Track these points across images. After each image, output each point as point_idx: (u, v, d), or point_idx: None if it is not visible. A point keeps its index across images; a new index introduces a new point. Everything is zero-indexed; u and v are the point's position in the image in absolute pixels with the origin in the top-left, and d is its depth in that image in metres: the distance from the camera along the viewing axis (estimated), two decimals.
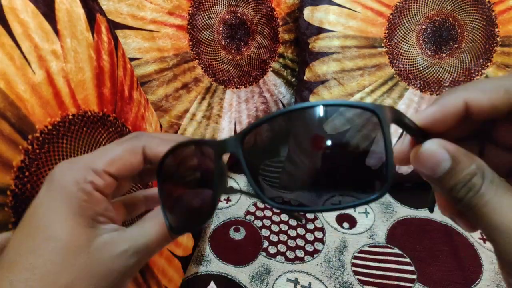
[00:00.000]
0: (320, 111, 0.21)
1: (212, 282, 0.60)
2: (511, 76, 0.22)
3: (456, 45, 0.72)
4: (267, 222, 0.71)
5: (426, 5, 0.72)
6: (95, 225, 0.26)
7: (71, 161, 0.27)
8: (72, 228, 0.24)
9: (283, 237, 0.68)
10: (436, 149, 0.22)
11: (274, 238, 0.68)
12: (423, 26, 0.73)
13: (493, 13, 0.71)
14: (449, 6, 0.72)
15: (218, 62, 0.72)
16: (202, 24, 0.69)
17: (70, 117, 0.37)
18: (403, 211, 0.74)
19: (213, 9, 0.70)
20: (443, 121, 0.23)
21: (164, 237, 0.27)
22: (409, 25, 0.73)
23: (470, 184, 0.21)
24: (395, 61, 0.73)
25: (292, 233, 0.69)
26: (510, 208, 0.20)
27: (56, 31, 0.37)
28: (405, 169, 0.75)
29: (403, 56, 0.73)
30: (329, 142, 0.22)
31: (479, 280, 0.60)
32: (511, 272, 0.21)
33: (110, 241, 0.25)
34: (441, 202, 0.26)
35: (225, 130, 0.75)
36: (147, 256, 0.27)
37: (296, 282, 0.60)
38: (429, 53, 0.73)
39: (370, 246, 0.67)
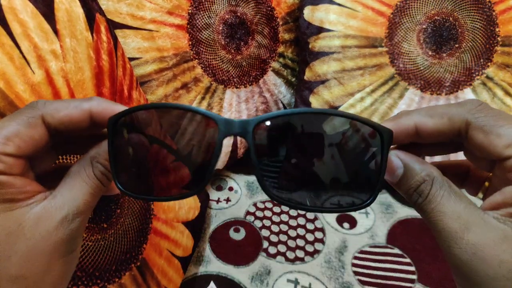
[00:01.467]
0: (333, 119, 0.24)
1: (212, 282, 0.60)
2: (458, 104, 0.25)
3: (456, 45, 0.72)
4: (267, 223, 0.71)
5: (427, 5, 0.72)
6: (17, 206, 0.24)
7: None
8: None
9: (283, 238, 0.68)
10: (391, 157, 0.25)
11: (274, 238, 0.68)
12: (424, 26, 0.72)
13: (494, 13, 0.71)
14: (450, 5, 0.72)
15: (218, 62, 0.72)
16: (202, 23, 0.68)
17: None
18: (404, 211, 0.74)
19: (213, 9, 0.70)
20: (396, 138, 0.25)
21: (99, 191, 0.26)
22: (409, 25, 0.73)
23: (419, 190, 0.24)
24: (395, 61, 0.73)
25: (292, 233, 0.69)
26: (453, 214, 0.23)
27: (56, 31, 0.37)
28: None
29: (403, 55, 0.73)
30: (329, 148, 0.25)
31: None
32: (457, 276, 0.25)
33: (43, 213, 0.24)
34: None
35: None
36: (89, 213, 0.26)
37: (296, 282, 0.60)
38: (430, 53, 0.73)
39: (370, 246, 0.66)
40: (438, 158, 0.66)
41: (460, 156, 0.28)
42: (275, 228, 0.70)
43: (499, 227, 0.22)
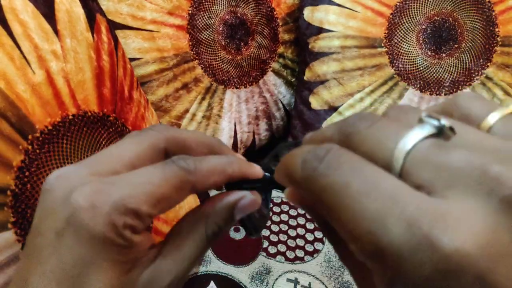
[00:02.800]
0: None
1: (212, 282, 0.60)
2: None
3: (456, 45, 0.72)
4: (267, 222, 0.71)
5: (426, 5, 0.72)
6: (135, 266, 0.22)
7: (96, 192, 0.20)
8: (111, 279, 0.21)
9: (283, 237, 0.68)
10: (287, 192, 0.23)
11: (274, 238, 0.68)
12: (423, 26, 0.73)
13: (493, 13, 0.71)
14: (449, 6, 0.72)
15: (218, 62, 0.72)
16: (202, 24, 0.69)
17: (70, 117, 0.38)
18: None
19: (213, 9, 0.70)
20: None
21: (204, 251, 0.24)
22: (409, 25, 0.73)
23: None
24: (395, 61, 0.73)
25: (292, 233, 0.69)
26: None
27: (56, 31, 0.37)
28: None
29: (403, 56, 0.73)
30: None
31: None
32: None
33: (154, 276, 0.22)
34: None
35: (225, 130, 0.76)
36: (189, 273, 0.25)
37: (296, 282, 0.61)
38: (429, 53, 0.73)
39: None
40: None
41: None
42: (275, 228, 0.70)
43: None
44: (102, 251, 0.20)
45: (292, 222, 0.71)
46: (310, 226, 0.71)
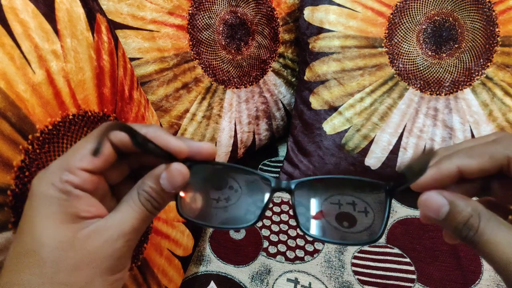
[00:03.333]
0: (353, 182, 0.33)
1: (212, 282, 0.60)
2: (494, 142, 0.28)
3: (456, 45, 0.72)
4: (267, 222, 0.71)
5: (427, 5, 0.72)
6: (78, 221, 0.27)
7: (46, 168, 0.28)
8: (55, 228, 0.26)
9: (283, 237, 0.68)
10: (434, 196, 0.27)
11: (274, 238, 0.68)
12: (423, 26, 0.73)
13: (494, 13, 0.71)
14: (449, 6, 0.72)
15: (218, 62, 0.72)
16: (202, 24, 0.69)
17: (71, 117, 0.38)
18: (403, 211, 0.74)
19: (213, 9, 0.70)
20: (441, 181, 0.28)
21: (144, 217, 0.29)
22: (409, 25, 0.73)
23: (469, 225, 0.26)
24: (395, 61, 0.73)
25: (292, 233, 0.69)
26: (507, 243, 0.25)
27: (56, 31, 0.37)
28: None
29: (403, 56, 0.73)
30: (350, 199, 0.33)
31: (479, 280, 0.60)
32: None
33: (94, 231, 0.27)
34: (447, 234, 0.32)
35: (225, 130, 0.76)
36: (135, 235, 0.29)
37: (296, 282, 0.61)
38: (429, 53, 0.73)
39: (370, 246, 0.67)
40: None
41: None
42: (275, 228, 0.70)
43: None
44: (45, 205, 0.26)
45: (292, 222, 0.71)
46: None
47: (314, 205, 0.33)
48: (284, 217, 0.72)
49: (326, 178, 0.35)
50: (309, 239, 0.68)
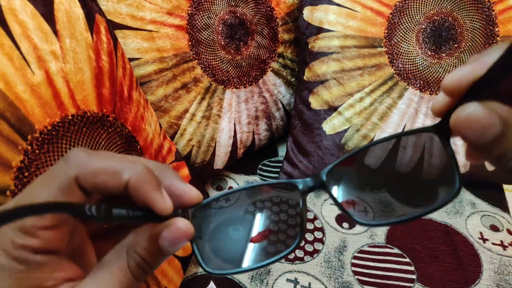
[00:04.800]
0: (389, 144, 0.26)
1: (211, 282, 0.60)
2: None
3: (456, 45, 0.72)
4: None
5: (426, 5, 0.72)
6: None
7: None
8: None
9: (282, 237, 0.68)
10: (484, 112, 0.19)
11: (273, 237, 0.68)
12: (423, 26, 0.73)
13: (493, 13, 0.71)
14: (449, 5, 0.72)
15: (217, 62, 0.72)
16: (202, 24, 0.69)
17: (70, 117, 0.37)
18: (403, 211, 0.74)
19: (213, 9, 0.70)
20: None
21: (130, 285, 0.22)
22: (408, 25, 0.73)
23: None
24: (394, 61, 0.73)
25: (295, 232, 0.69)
26: None
27: (55, 32, 0.37)
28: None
29: (402, 56, 0.73)
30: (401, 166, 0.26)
31: (478, 279, 0.60)
32: None
33: None
34: (470, 152, 0.23)
35: (224, 130, 0.75)
36: None
37: (296, 282, 0.60)
38: (429, 53, 0.73)
39: (369, 246, 0.67)
40: None
41: None
42: (274, 227, 0.70)
43: None
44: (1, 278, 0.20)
45: (292, 222, 0.71)
46: (309, 226, 0.71)
47: (355, 189, 0.27)
48: (283, 216, 0.72)
49: (360, 149, 0.27)
50: (309, 239, 0.68)
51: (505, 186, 0.81)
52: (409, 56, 0.73)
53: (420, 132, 0.24)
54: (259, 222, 0.28)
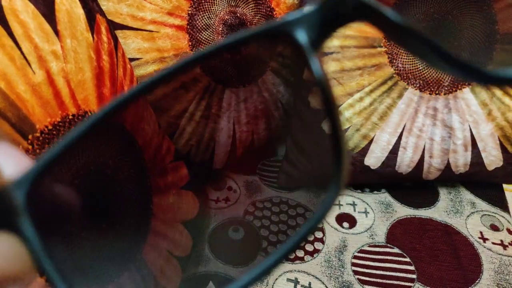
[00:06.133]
0: None
1: (211, 282, 0.60)
2: None
3: (455, 43, 0.72)
4: (266, 222, 0.71)
5: (425, 3, 0.72)
6: None
7: None
8: None
9: (282, 237, 0.68)
10: None
11: (273, 238, 0.68)
12: (423, 25, 0.73)
13: (493, 11, 0.71)
14: (449, 3, 0.72)
15: (217, 62, 0.72)
16: (202, 24, 0.69)
17: (70, 117, 0.38)
18: (403, 211, 0.74)
19: (213, 10, 0.70)
20: None
21: None
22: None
23: None
24: (394, 61, 0.73)
25: (291, 233, 0.69)
26: None
27: (56, 32, 0.37)
28: (404, 169, 0.75)
29: (402, 55, 0.73)
30: None
31: (479, 279, 0.60)
32: None
33: None
34: None
35: (223, 130, 0.76)
36: None
37: (296, 281, 0.61)
38: None
39: (370, 246, 0.67)
40: None
41: None
42: (274, 228, 0.70)
43: None
44: None
45: (292, 222, 0.71)
46: None
47: None
48: (283, 217, 0.72)
49: None
50: (309, 239, 0.68)
51: (505, 186, 0.82)
52: (409, 56, 0.73)
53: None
54: None
